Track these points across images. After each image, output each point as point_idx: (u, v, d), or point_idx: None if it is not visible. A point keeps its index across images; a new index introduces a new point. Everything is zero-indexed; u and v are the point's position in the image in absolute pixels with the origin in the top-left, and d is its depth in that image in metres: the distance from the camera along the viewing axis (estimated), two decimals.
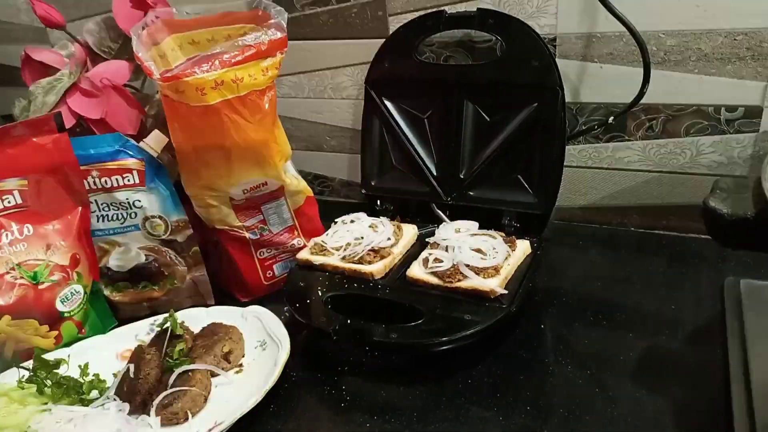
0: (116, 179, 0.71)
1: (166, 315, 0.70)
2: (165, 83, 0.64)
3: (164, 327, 0.68)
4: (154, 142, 0.71)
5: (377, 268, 0.70)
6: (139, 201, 0.72)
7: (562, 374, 0.60)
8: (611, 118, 0.78)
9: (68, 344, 0.70)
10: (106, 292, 0.77)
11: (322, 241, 0.75)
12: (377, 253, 0.72)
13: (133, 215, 0.73)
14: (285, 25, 0.68)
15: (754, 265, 0.72)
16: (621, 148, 0.82)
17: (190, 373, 0.62)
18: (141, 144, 0.71)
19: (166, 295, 0.78)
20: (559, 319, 0.68)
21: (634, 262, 0.77)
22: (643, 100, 0.75)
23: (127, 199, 0.72)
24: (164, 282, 0.77)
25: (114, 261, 0.76)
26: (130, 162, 0.71)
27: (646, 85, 0.73)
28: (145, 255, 0.76)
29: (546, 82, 0.74)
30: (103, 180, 0.71)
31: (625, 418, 0.54)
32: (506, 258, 0.68)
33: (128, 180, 0.72)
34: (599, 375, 0.59)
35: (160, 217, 0.74)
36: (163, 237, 0.75)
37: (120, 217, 0.73)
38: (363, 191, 0.91)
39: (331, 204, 1.02)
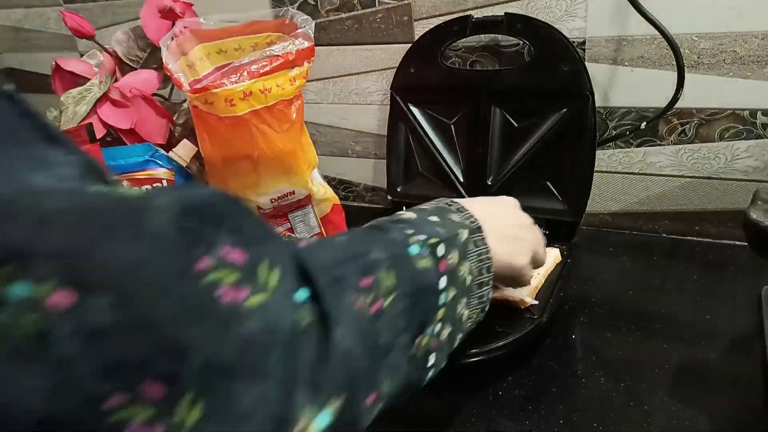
0: (146, 189, 0.72)
1: None
2: (194, 95, 0.64)
3: None
4: (183, 152, 0.72)
5: None
6: None
7: (595, 386, 0.59)
8: (643, 124, 0.77)
9: None
10: None
11: None
12: None
13: None
14: (312, 35, 0.68)
15: None
16: (652, 153, 0.80)
17: None
18: (170, 154, 0.72)
19: None
20: (591, 329, 0.67)
21: (667, 270, 0.76)
22: (676, 104, 0.74)
23: None
24: None
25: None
26: (160, 172, 0.72)
27: (680, 90, 0.72)
28: None
29: (575, 86, 0.73)
30: None
31: None
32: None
33: None
34: (633, 387, 0.58)
35: None
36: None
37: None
38: (389, 197, 0.90)
39: (355, 209, 1.02)
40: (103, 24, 1.13)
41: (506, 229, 0.51)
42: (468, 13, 0.81)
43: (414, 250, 0.40)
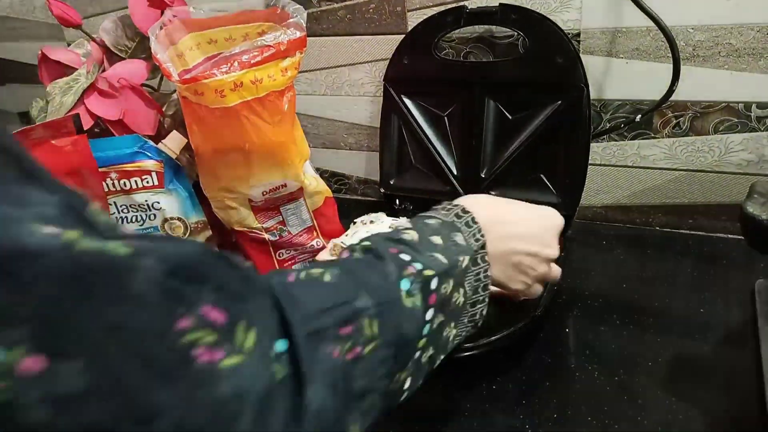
0: (135, 181, 0.71)
1: None
2: (184, 85, 0.63)
3: None
4: (173, 143, 0.71)
5: None
6: (158, 203, 0.72)
7: (589, 380, 0.59)
8: (638, 117, 0.76)
9: None
10: None
11: (342, 242, 0.74)
12: None
13: (152, 217, 0.72)
14: (304, 25, 0.67)
15: None
16: (647, 146, 0.80)
17: None
18: (159, 145, 0.71)
19: None
20: (585, 323, 0.67)
21: (661, 263, 0.76)
22: (671, 97, 0.73)
23: (146, 200, 0.72)
24: None
25: None
26: (149, 164, 0.71)
27: (675, 82, 0.71)
28: None
29: (570, 79, 0.73)
30: (122, 182, 0.71)
31: (656, 426, 0.53)
32: None
33: (147, 182, 0.71)
34: (627, 381, 0.58)
35: (180, 219, 0.73)
36: (183, 238, 0.74)
37: (139, 219, 0.73)
38: (382, 190, 0.90)
39: (348, 202, 1.01)
40: (91, 13, 1.11)
41: (515, 256, 0.49)
42: (462, 3, 0.80)
43: (405, 284, 0.39)
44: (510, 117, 0.79)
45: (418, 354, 0.40)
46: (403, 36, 0.84)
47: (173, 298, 0.25)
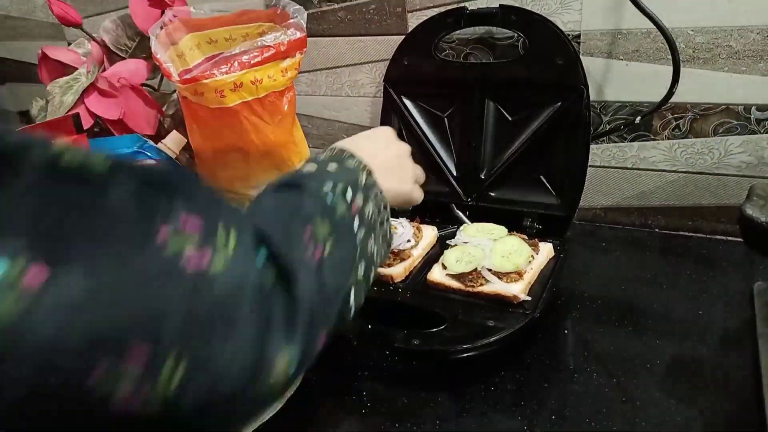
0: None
1: None
2: (184, 85, 0.63)
3: None
4: (173, 143, 0.71)
5: (397, 271, 0.69)
6: None
7: (588, 382, 0.59)
8: (638, 118, 0.76)
9: None
10: None
11: None
12: (397, 255, 0.71)
13: None
14: (304, 25, 0.67)
15: None
16: (646, 148, 0.80)
17: None
18: (159, 145, 0.71)
19: None
20: (584, 324, 0.67)
21: (660, 265, 0.76)
22: (671, 99, 0.73)
23: None
24: None
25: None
26: (149, 163, 0.71)
27: (675, 84, 0.71)
28: None
29: (570, 80, 0.73)
30: None
31: (654, 428, 0.53)
32: (529, 262, 0.66)
33: None
34: (626, 382, 0.58)
35: None
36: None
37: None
38: None
39: None
40: (91, 12, 1.11)
41: (388, 162, 0.56)
42: (462, 4, 0.80)
43: (329, 198, 0.42)
44: (510, 118, 0.79)
45: (359, 262, 0.43)
46: (404, 37, 0.84)
47: (149, 208, 0.27)
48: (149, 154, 0.70)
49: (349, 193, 0.44)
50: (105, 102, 0.74)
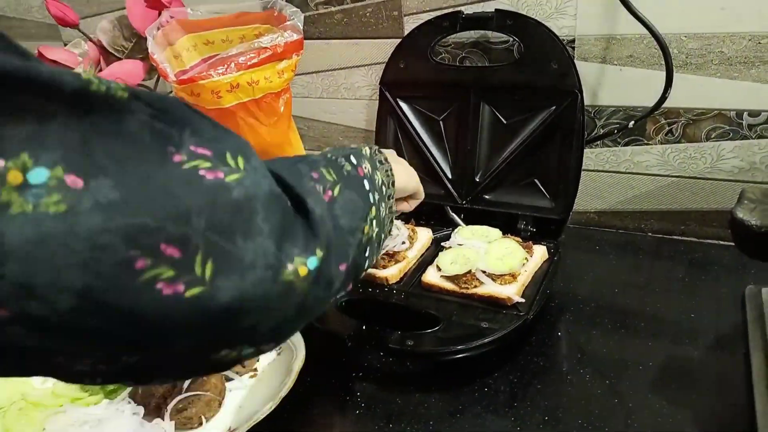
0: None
1: None
2: (180, 86, 0.63)
3: None
4: None
5: (392, 273, 0.70)
6: None
7: (580, 383, 0.59)
8: (631, 123, 0.77)
9: None
10: None
11: None
12: (392, 257, 0.72)
13: None
14: (301, 27, 0.67)
15: None
16: (639, 152, 0.80)
17: (204, 378, 0.61)
18: None
19: None
20: (577, 326, 0.67)
21: (653, 268, 0.76)
22: (663, 104, 0.74)
23: None
24: None
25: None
26: None
27: (668, 90, 0.72)
28: None
29: (564, 84, 0.73)
30: None
31: (646, 429, 0.53)
32: (523, 264, 0.67)
33: None
34: (618, 384, 0.59)
35: None
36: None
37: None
38: None
39: None
40: (88, 13, 1.11)
41: (401, 163, 0.59)
42: (458, 8, 0.81)
43: (334, 157, 0.45)
44: (505, 121, 0.79)
45: (373, 224, 0.45)
46: (400, 40, 0.84)
47: (163, 138, 0.29)
48: None
49: (353, 158, 0.46)
50: None
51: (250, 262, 0.30)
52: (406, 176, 0.58)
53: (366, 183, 0.46)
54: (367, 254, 0.44)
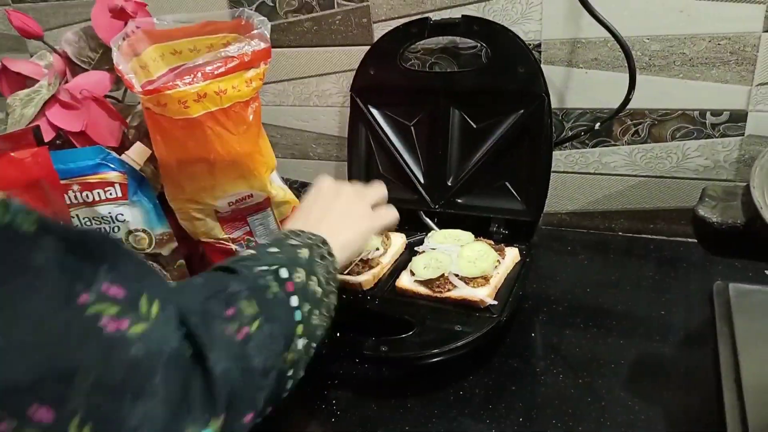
0: (98, 193, 0.70)
1: None
2: (146, 96, 0.62)
3: None
4: (137, 154, 0.70)
5: (366, 279, 0.70)
6: (122, 215, 0.71)
7: (554, 383, 0.60)
8: (597, 124, 0.78)
9: None
10: None
11: None
12: (366, 263, 0.72)
13: (116, 230, 0.71)
14: (268, 36, 0.67)
15: (742, 269, 0.72)
16: (607, 153, 0.82)
17: None
18: (123, 156, 0.70)
19: None
20: (550, 327, 0.68)
21: (623, 267, 0.77)
22: (629, 105, 0.75)
23: (109, 213, 0.71)
24: None
25: None
26: (112, 175, 0.70)
27: (632, 91, 0.73)
28: None
29: (532, 88, 0.74)
30: (84, 194, 0.70)
31: (619, 427, 0.54)
32: (495, 266, 0.67)
33: (110, 194, 0.70)
34: (591, 383, 0.59)
35: (144, 231, 0.72)
36: (147, 251, 0.73)
37: (102, 230, 0.71)
38: None
39: None
40: (54, 25, 1.09)
41: (342, 214, 0.58)
42: (426, 15, 0.81)
43: (261, 281, 0.43)
44: (474, 126, 0.80)
45: (299, 342, 0.44)
46: (369, 47, 0.85)
47: (72, 275, 0.27)
48: (112, 166, 0.69)
49: (284, 272, 0.45)
50: (67, 114, 0.73)
51: (133, 428, 0.27)
52: (359, 238, 0.58)
53: (294, 300, 0.44)
54: (290, 375, 0.43)
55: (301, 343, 0.44)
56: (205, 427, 0.32)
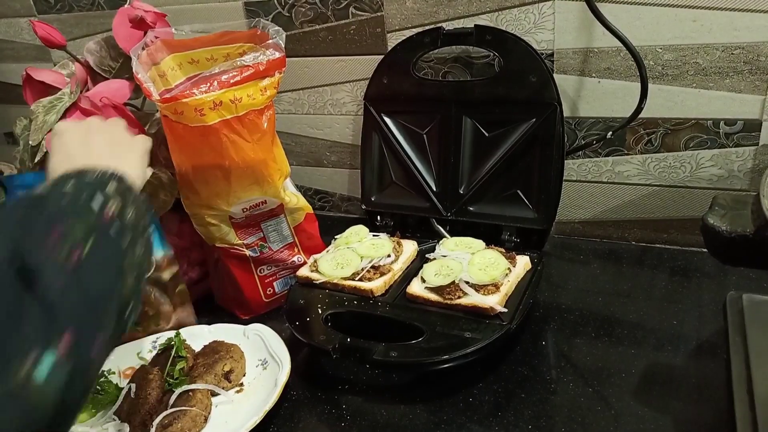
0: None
1: (169, 334, 0.70)
2: (164, 104, 0.64)
3: (166, 346, 0.68)
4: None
5: (377, 285, 0.70)
6: None
7: (564, 391, 0.60)
8: (610, 133, 0.78)
9: None
10: None
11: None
12: (377, 269, 0.72)
13: None
14: (283, 45, 0.69)
15: (756, 279, 0.71)
16: (620, 162, 0.82)
17: (190, 393, 0.62)
18: None
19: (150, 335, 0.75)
20: (561, 335, 0.68)
21: (635, 277, 0.77)
22: (642, 114, 0.75)
23: None
24: (148, 322, 0.74)
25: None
26: None
27: (643, 101, 0.73)
28: None
29: (544, 97, 0.75)
30: None
31: None
32: (506, 274, 0.67)
33: None
34: (601, 392, 0.59)
35: None
36: (148, 276, 0.72)
37: None
38: (363, 207, 0.91)
39: (331, 219, 1.02)
40: (77, 35, 1.12)
41: (132, 156, 0.55)
42: (439, 25, 0.82)
43: (78, 204, 0.41)
44: (486, 134, 0.80)
45: (127, 269, 0.42)
46: (383, 56, 0.86)
47: None
48: None
49: (99, 198, 0.42)
50: None
51: None
52: (142, 165, 0.55)
53: (114, 228, 0.41)
54: (130, 310, 0.41)
55: (131, 275, 0.42)
56: (46, 349, 0.31)
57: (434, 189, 0.84)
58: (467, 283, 0.66)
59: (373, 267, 0.72)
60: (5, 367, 0.30)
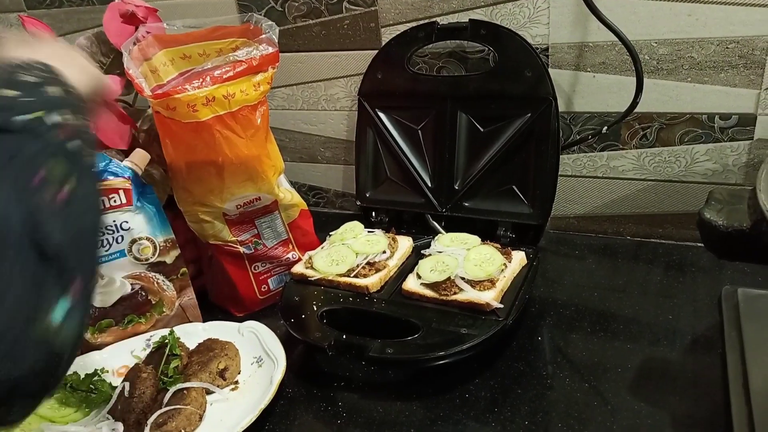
0: (103, 201, 0.69)
1: (163, 332, 0.70)
2: (156, 100, 0.63)
3: (160, 344, 0.67)
4: (138, 159, 0.70)
5: (372, 282, 0.70)
6: (127, 222, 0.69)
7: (560, 387, 0.60)
8: (605, 128, 0.78)
9: None
10: (87, 336, 0.72)
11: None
12: (372, 266, 0.72)
13: (119, 239, 0.70)
14: (276, 40, 0.68)
15: (751, 273, 0.71)
16: (615, 157, 0.82)
17: (185, 391, 0.61)
18: (125, 162, 0.70)
19: (154, 327, 0.74)
20: (556, 331, 0.68)
21: (631, 271, 0.77)
22: (637, 109, 0.75)
23: (114, 221, 0.69)
24: (152, 312, 0.74)
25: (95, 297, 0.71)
26: (116, 181, 0.68)
27: (639, 95, 0.73)
28: (131, 284, 0.72)
29: (539, 92, 0.74)
30: None
31: (625, 431, 0.53)
32: (502, 270, 0.67)
33: (115, 200, 0.69)
34: (598, 387, 0.59)
35: (148, 239, 0.71)
36: (151, 260, 0.72)
37: (105, 243, 0.70)
38: (358, 203, 0.90)
39: (325, 215, 1.02)
40: (67, 30, 1.11)
41: (79, 60, 0.50)
42: (433, 19, 0.82)
43: (43, 133, 0.37)
44: (482, 129, 0.80)
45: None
46: (377, 51, 0.85)
47: None
48: (116, 172, 0.69)
49: (55, 117, 0.38)
50: None
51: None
52: (90, 72, 0.50)
53: (76, 144, 0.38)
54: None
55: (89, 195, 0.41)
56: (63, 295, 0.33)
57: (429, 185, 0.84)
58: (463, 279, 0.65)
59: (368, 263, 0.72)
60: (34, 318, 0.31)
